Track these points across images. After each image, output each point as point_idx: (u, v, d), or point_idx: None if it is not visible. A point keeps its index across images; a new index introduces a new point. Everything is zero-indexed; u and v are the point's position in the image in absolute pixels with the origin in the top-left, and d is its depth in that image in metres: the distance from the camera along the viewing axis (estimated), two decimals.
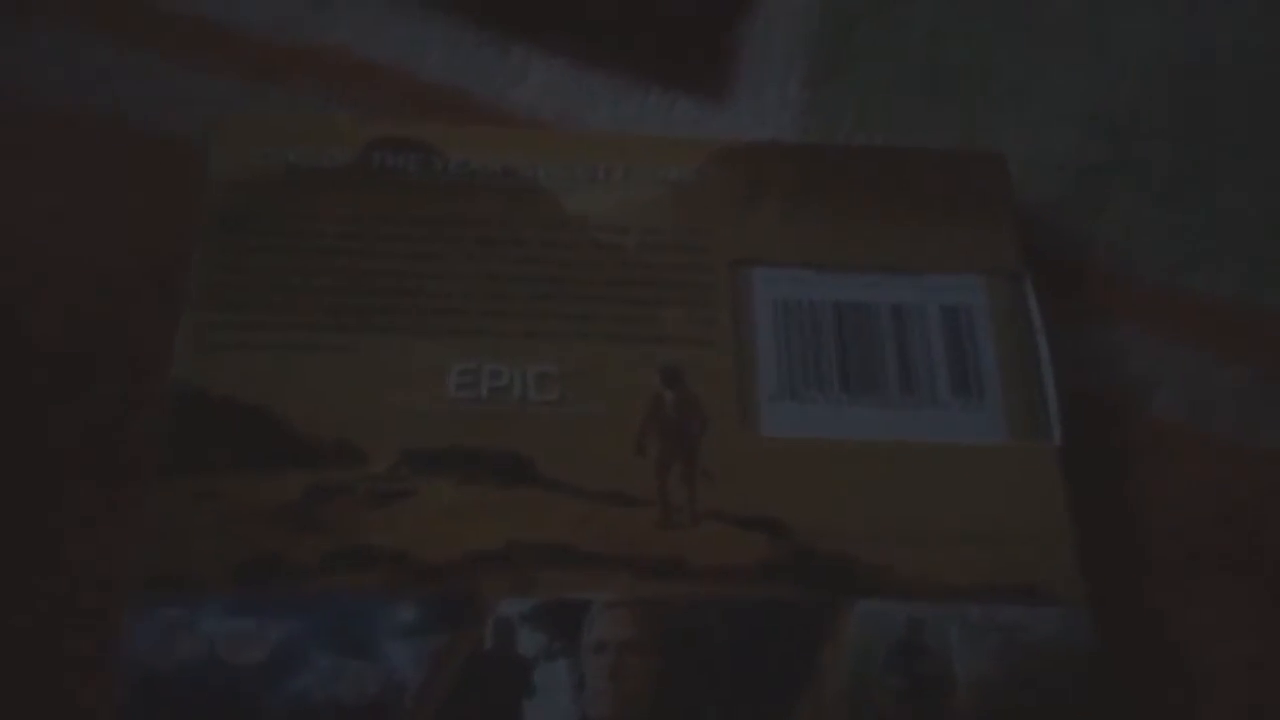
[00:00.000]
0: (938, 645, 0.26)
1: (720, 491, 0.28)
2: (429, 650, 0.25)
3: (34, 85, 0.33)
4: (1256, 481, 0.30)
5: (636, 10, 0.36)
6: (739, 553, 0.27)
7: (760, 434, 0.29)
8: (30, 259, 0.31)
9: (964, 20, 0.36)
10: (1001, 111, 0.35)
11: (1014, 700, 0.26)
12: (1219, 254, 0.34)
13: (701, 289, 0.30)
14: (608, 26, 0.36)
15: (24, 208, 0.31)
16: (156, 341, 0.29)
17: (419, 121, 0.33)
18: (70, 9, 0.34)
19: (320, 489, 0.27)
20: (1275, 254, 0.33)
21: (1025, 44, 0.36)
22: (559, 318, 0.29)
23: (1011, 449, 0.29)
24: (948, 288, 0.31)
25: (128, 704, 0.24)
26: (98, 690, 0.26)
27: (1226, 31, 0.36)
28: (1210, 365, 0.32)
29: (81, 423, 0.29)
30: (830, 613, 0.27)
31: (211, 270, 0.29)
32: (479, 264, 0.30)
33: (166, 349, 0.28)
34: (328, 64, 0.34)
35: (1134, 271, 0.33)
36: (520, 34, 0.35)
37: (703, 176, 0.31)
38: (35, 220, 0.31)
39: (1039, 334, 0.30)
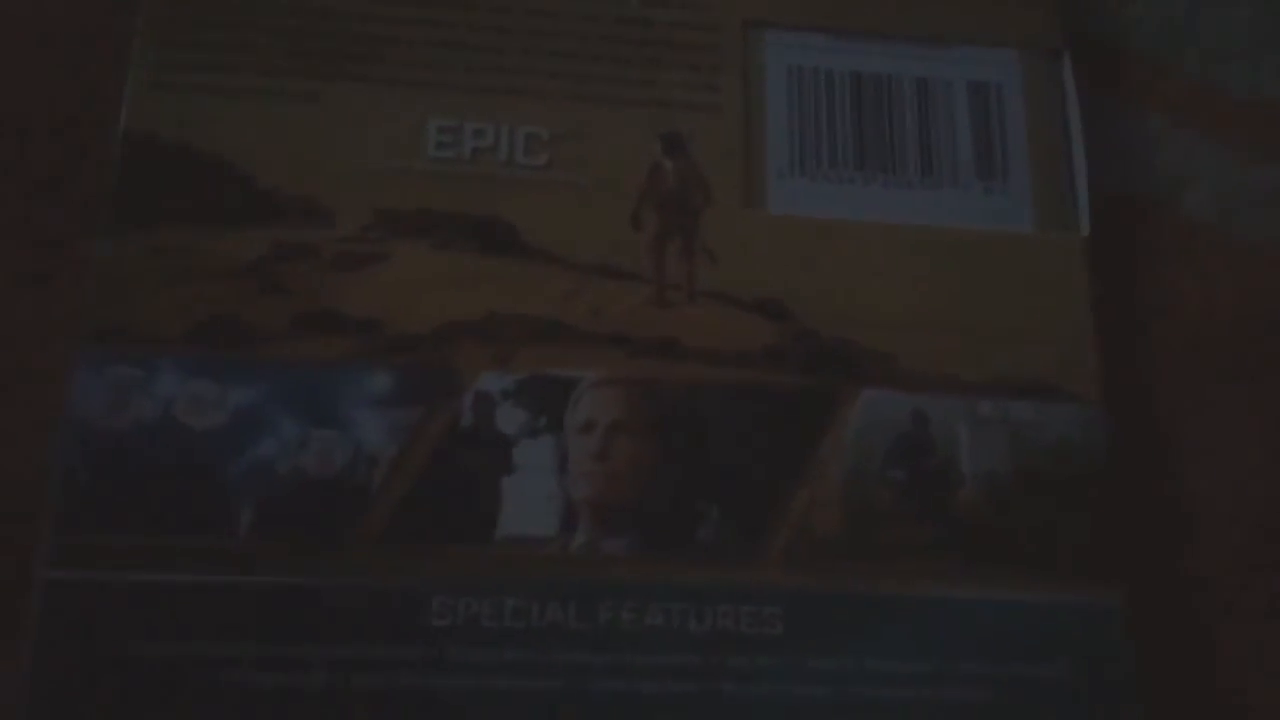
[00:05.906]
0: (944, 440, 0.25)
1: (721, 270, 0.26)
2: (403, 422, 0.23)
3: None
4: (1275, 286, 0.28)
5: None
6: (738, 335, 0.25)
7: (767, 211, 0.26)
8: None
9: None
10: None
11: (1021, 498, 0.25)
12: (1258, 52, 0.31)
13: (707, 50, 0.27)
14: None
15: None
16: (100, 91, 0.26)
17: None
18: None
19: (284, 247, 0.24)
20: None
21: None
22: (548, 75, 0.27)
23: (1035, 238, 0.27)
24: (978, 61, 0.28)
25: (76, 465, 0.22)
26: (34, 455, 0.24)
27: None
28: (1241, 166, 0.30)
29: (25, 179, 0.26)
30: (831, 400, 0.25)
31: (163, 6, 0.26)
32: (459, 11, 0.27)
33: (111, 99, 0.25)
34: None
35: (1171, 62, 0.30)
36: None
37: None
38: None
39: (1073, 116, 0.28)
